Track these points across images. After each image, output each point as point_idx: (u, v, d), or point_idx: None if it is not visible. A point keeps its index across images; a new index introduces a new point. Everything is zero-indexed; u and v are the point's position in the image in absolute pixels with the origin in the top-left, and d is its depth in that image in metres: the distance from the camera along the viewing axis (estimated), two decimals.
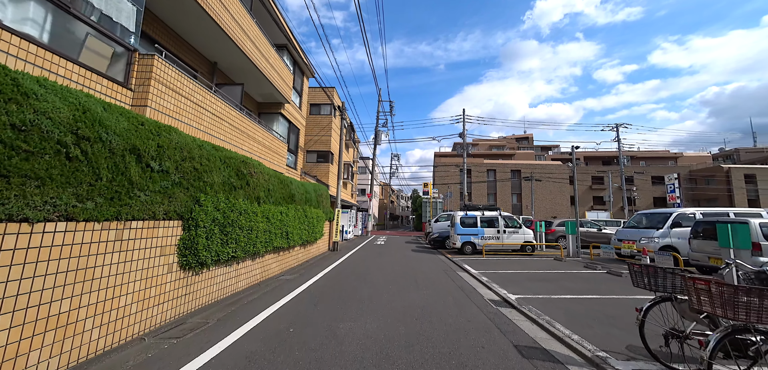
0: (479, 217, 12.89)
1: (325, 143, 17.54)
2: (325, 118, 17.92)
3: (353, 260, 10.68)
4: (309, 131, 17.16)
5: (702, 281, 2.30)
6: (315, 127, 17.59)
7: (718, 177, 38.44)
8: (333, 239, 12.97)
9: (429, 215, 27.56)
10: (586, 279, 7.56)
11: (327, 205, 12.16)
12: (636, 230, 10.64)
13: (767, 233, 7.23)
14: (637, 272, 3.23)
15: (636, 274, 3.23)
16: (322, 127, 17.60)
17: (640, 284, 3.21)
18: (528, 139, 57.66)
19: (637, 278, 3.24)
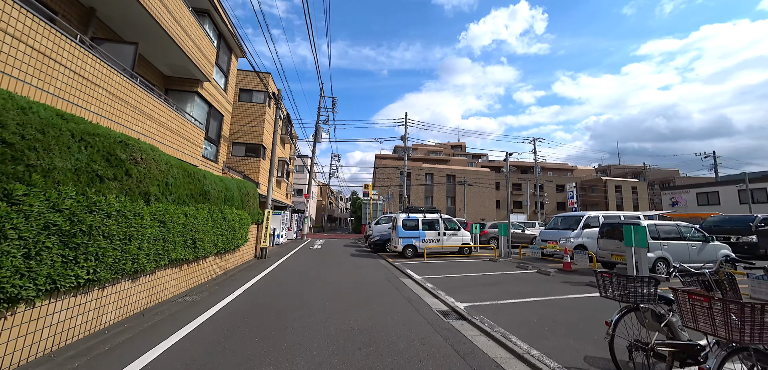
0: (421, 219, 12.76)
1: (257, 135, 15.41)
2: (258, 106, 15.74)
3: (284, 269, 9.28)
4: (237, 120, 14.83)
5: (701, 298, 2.02)
6: (245, 115, 15.29)
7: (599, 186, 47.62)
8: (261, 244, 11.24)
9: (369, 217, 27.06)
10: (523, 280, 7.78)
11: (255, 205, 10.43)
12: (556, 231, 11.79)
13: (652, 233, 8.55)
14: (606, 281, 2.98)
15: (605, 282, 2.98)
16: (254, 117, 15.42)
17: (609, 294, 2.97)
18: (461, 147, 62.47)
19: (606, 287, 2.99)
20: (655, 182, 54.15)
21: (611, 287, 2.92)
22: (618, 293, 2.88)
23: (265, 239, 11.31)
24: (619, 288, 2.87)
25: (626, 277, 2.82)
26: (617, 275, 2.87)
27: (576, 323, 4.56)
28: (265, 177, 15.45)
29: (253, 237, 10.78)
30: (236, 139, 14.93)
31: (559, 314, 4.97)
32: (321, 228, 46.68)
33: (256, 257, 11.24)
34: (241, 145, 15.14)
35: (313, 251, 14.59)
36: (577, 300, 5.94)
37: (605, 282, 2.98)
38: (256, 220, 10.76)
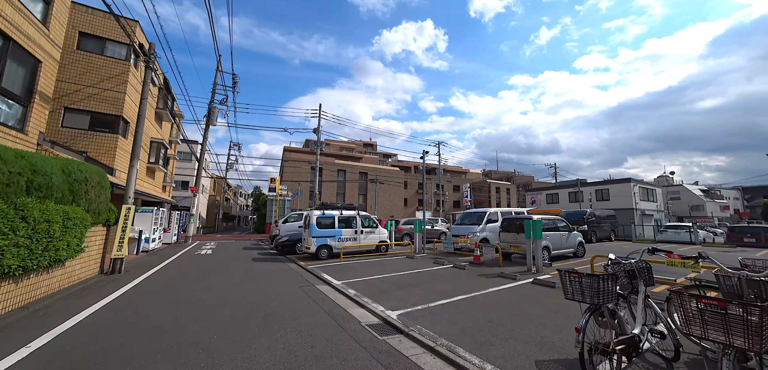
0: (337, 217, 11.68)
1: (114, 103, 11.10)
2: (116, 63, 11.34)
3: (145, 289, 6.67)
4: (77, 76, 10.28)
5: (715, 302, 1.72)
6: (90, 71, 10.74)
7: (485, 188, 56.82)
8: (112, 253, 7.96)
9: (275, 214, 24.13)
10: (444, 277, 7.71)
11: (101, 199, 7.24)
12: (464, 226, 12.69)
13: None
14: (574, 282, 2.65)
15: (573, 284, 2.65)
16: (108, 77, 11.04)
17: (576, 297, 2.65)
18: (373, 146, 64.00)
19: (573, 289, 2.66)
20: (520, 185, 68.45)
21: (580, 288, 2.61)
22: (588, 294, 2.59)
23: (121, 247, 8.07)
24: (590, 289, 2.57)
25: (599, 276, 2.54)
26: (589, 275, 2.57)
27: (510, 323, 4.42)
28: (126, 161, 11.36)
29: (96, 244, 7.49)
30: (74, 104, 10.34)
31: (491, 314, 4.79)
32: (214, 228, 39.52)
33: (102, 272, 7.89)
34: (84, 114, 10.58)
35: (199, 258, 11.53)
36: (498, 295, 6.05)
37: (573, 284, 2.66)
38: (104, 220, 7.52)
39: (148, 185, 14.67)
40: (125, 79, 11.11)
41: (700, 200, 54.14)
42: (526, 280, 7.13)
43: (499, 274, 7.79)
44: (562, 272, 2.73)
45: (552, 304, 5.29)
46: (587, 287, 2.59)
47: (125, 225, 8.22)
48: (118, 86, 10.90)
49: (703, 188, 59.25)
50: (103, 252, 7.94)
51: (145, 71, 8.63)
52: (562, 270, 2.75)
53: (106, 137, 10.73)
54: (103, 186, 7.26)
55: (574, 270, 2.73)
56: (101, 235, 7.76)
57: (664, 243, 18.53)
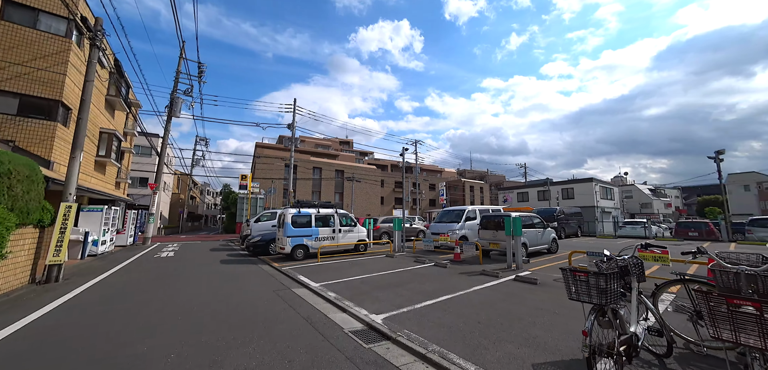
0: (314, 215, 11.11)
1: (51, 86, 9.63)
2: (53, 39, 9.82)
3: (88, 300, 5.77)
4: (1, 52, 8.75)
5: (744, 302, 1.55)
6: (19, 46, 9.21)
7: (459, 186, 58.20)
8: (48, 259, 6.84)
9: (247, 213, 22.80)
10: (426, 276, 7.49)
11: (33, 196, 6.17)
12: (443, 224, 12.64)
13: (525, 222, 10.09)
14: (579, 281, 2.45)
15: (578, 283, 2.45)
16: (43, 54, 9.55)
17: (581, 297, 2.45)
18: (349, 144, 63.09)
19: (578, 288, 2.46)
20: (492, 184, 71.03)
21: (586, 287, 2.42)
22: (594, 294, 2.40)
23: (58, 251, 6.96)
24: (596, 289, 2.39)
25: (606, 274, 2.36)
26: (596, 274, 2.38)
27: (499, 323, 4.25)
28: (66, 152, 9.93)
29: (25, 249, 6.38)
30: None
31: (479, 314, 4.60)
32: (178, 229, 36.69)
33: (34, 282, 6.75)
34: (10, 96, 9.05)
35: (158, 262, 10.41)
36: (483, 294, 5.91)
37: (578, 283, 2.46)
38: (35, 220, 6.43)
39: (97, 180, 13.07)
40: (65, 58, 9.67)
41: (648, 198, 59.53)
42: (508, 277, 7.10)
43: (481, 271, 7.72)
44: (567, 271, 2.53)
45: (536, 301, 5.22)
46: (594, 287, 2.40)
47: (64, 226, 7.11)
48: (56, 66, 9.46)
49: (651, 188, 65.24)
50: (34, 258, 6.79)
51: (91, 50, 7.49)
52: (567, 269, 2.55)
53: (41, 125, 9.28)
54: (33, 181, 6.18)
55: (578, 268, 2.55)
56: (32, 238, 6.62)
57: (624, 238, 19.91)
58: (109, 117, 13.97)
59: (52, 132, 9.24)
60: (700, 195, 71.71)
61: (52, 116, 9.32)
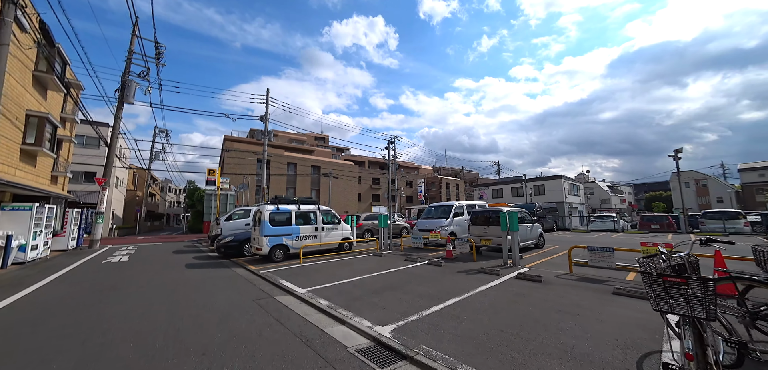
0: (295, 212, 10.14)
1: None
2: None
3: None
4: None
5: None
6: None
7: (436, 183, 58.86)
8: None
9: (215, 211, 20.94)
10: (423, 277, 6.93)
11: None
12: (431, 220, 12.21)
13: None
14: (670, 289, 1.94)
15: (669, 291, 1.94)
16: None
17: (674, 309, 1.95)
18: (324, 139, 61.32)
19: (669, 296, 1.95)
20: (467, 181, 72.77)
21: (686, 297, 1.91)
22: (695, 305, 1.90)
23: None
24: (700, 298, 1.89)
25: (712, 280, 1.86)
26: (701, 280, 1.87)
27: (524, 330, 3.78)
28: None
29: None
30: None
31: (497, 320, 4.10)
32: (134, 229, 33.19)
33: None
34: None
35: (107, 269, 8.90)
36: (490, 295, 5.46)
37: (668, 291, 1.95)
38: None
39: (24, 173, 11.00)
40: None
41: (607, 194, 64.23)
42: (509, 275, 6.74)
43: (479, 270, 7.31)
44: (650, 275, 2.03)
45: (550, 302, 4.85)
46: (694, 296, 1.90)
47: None
48: None
49: (609, 185, 70.57)
50: None
51: (4, 4, 5.95)
52: (651, 273, 2.05)
53: None
54: None
55: (669, 272, 2.06)
56: None
57: (596, 232, 20.88)
58: (40, 98, 11.80)
59: None
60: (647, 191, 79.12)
61: None
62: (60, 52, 12.18)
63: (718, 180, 48.44)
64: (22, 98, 10.53)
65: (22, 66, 10.40)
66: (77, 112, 16.61)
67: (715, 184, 48.67)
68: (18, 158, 10.48)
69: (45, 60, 10.97)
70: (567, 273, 6.76)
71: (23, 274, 7.98)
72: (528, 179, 40.59)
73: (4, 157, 9.84)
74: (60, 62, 12.37)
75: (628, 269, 6.79)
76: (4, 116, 9.58)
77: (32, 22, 7.37)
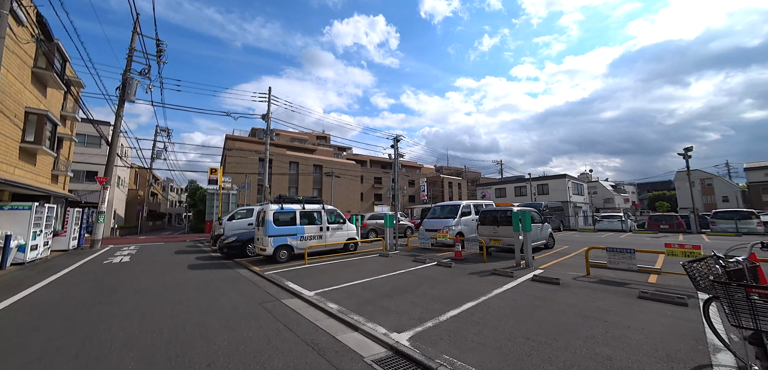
0: (299, 211, 9.90)
1: None
2: None
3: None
4: None
5: None
6: None
7: (438, 182, 58.56)
8: None
9: (217, 210, 20.75)
10: (434, 278, 6.68)
11: None
12: (438, 220, 11.94)
13: None
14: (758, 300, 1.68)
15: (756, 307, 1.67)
16: None
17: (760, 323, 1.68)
18: (326, 139, 61.06)
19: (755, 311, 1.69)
20: (469, 180, 72.43)
21: None
22: None
23: None
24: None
25: None
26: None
27: (552, 338, 3.53)
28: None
29: None
30: None
31: (521, 327, 3.84)
32: (136, 229, 33.08)
33: None
34: None
35: (107, 269, 8.68)
36: (508, 299, 5.21)
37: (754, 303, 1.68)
38: None
39: (24, 171, 10.80)
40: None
41: (610, 194, 63.76)
42: (524, 277, 6.47)
43: (492, 271, 7.05)
44: (728, 285, 1.76)
45: (573, 307, 4.58)
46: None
47: None
48: None
49: (612, 185, 70.11)
50: None
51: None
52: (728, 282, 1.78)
53: None
54: None
55: (756, 285, 1.79)
56: None
57: (603, 232, 20.56)
58: (39, 95, 11.59)
59: None
60: (649, 191, 78.66)
61: None
62: (59, 48, 11.96)
63: (724, 179, 47.94)
64: (21, 95, 10.32)
65: (20, 62, 10.19)
66: (78, 111, 16.42)
67: (720, 183, 48.16)
68: (17, 156, 10.28)
69: (44, 56, 10.74)
70: (584, 275, 6.49)
71: (22, 275, 7.77)
72: (532, 178, 40.26)
73: (3, 156, 9.64)
74: (59, 59, 12.15)
75: (648, 271, 6.52)
76: (3, 113, 9.37)
77: (29, 15, 7.15)
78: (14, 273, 8.08)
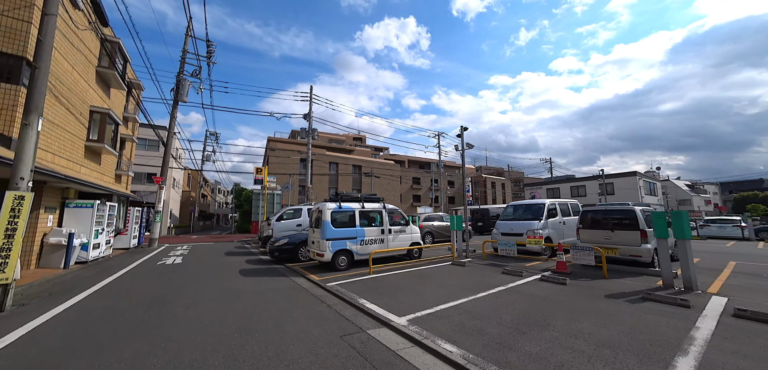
0: (358, 211, 8.54)
1: (10, 37, 7.02)
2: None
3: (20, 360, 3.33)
4: None
5: None
6: None
7: (480, 182, 55.08)
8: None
9: (263, 211, 20.48)
10: (559, 303, 4.82)
11: None
12: (517, 222, 9.91)
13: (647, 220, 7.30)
14: None
15: None
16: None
17: None
18: (362, 140, 60.60)
19: None
20: (512, 180, 67.54)
21: None
22: None
23: (2, 266, 4.57)
24: None
25: None
26: None
27: None
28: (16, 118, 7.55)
29: None
30: None
31: None
32: (189, 228, 34.85)
33: None
34: None
35: (160, 271, 8.03)
36: (715, 348, 3.22)
37: None
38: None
39: (89, 170, 10.82)
40: (30, 0, 7.22)
41: (686, 194, 55.11)
42: (710, 307, 4.36)
43: (641, 296, 5.00)
44: None
45: None
46: None
47: (13, 226, 4.71)
48: (17, 10, 7.05)
49: (688, 184, 60.69)
50: None
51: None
52: None
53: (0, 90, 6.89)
54: None
55: None
56: None
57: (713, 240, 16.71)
58: (103, 95, 11.67)
59: (13, 99, 6.86)
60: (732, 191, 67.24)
61: (15, 78, 6.94)
62: (121, 48, 12.04)
63: None
64: (87, 94, 10.30)
65: (85, 60, 10.17)
66: (138, 113, 16.92)
67: None
68: (83, 155, 10.27)
69: (107, 56, 10.73)
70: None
71: (82, 275, 7.34)
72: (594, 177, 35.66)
73: (70, 153, 9.57)
74: (121, 59, 12.25)
75: None
76: (68, 111, 9.28)
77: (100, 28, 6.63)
78: (77, 273, 7.77)
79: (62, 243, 8.48)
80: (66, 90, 8.93)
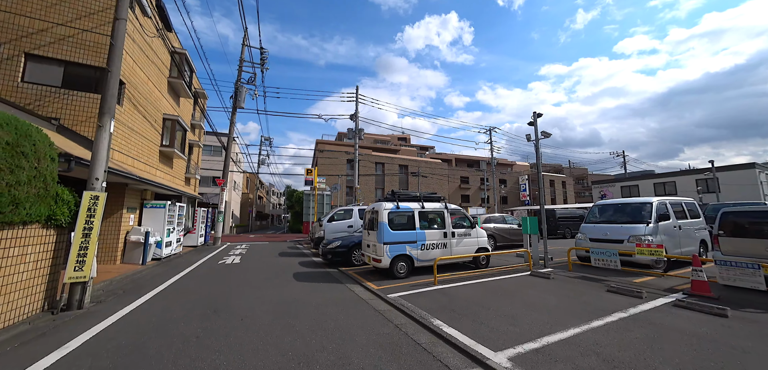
0: (418, 211, 7.64)
1: (95, 50, 7.71)
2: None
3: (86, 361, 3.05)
4: (41, 7, 7.18)
5: None
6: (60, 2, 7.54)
7: (536, 180, 50.34)
8: (67, 275, 4.55)
9: (313, 211, 20.78)
10: (746, 353, 3.32)
11: (36, 178, 3.81)
12: (612, 225, 8.04)
13: None
14: None
15: None
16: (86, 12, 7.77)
17: None
18: (406, 139, 59.72)
19: None
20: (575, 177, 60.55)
21: None
22: None
23: (80, 264, 4.64)
24: None
25: None
26: None
27: None
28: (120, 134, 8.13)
29: (26, 262, 4.08)
30: (39, 49, 7.16)
31: None
32: (247, 228, 37.64)
33: (51, 309, 4.51)
34: (54, 65, 7.42)
35: (220, 272, 8.09)
36: None
37: None
38: (43, 217, 4.11)
39: (163, 174, 11.73)
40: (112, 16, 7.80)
41: None
42: None
43: None
44: None
45: None
46: None
47: (89, 226, 4.77)
48: (103, 26, 7.65)
49: None
50: (51, 273, 4.55)
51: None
52: None
53: (87, 99, 7.53)
54: (25, 153, 3.79)
55: None
56: (41, 243, 4.36)
57: None
58: (174, 104, 12.66)
59: (92, 106, 7.43)
60: None
61: (92, 88, 7.53)
62: (187, 59, 12.98)
63: None
64: (160, 102, 11.20)
65: (158, 72, 11.03)
66: (203, 120, 18.31)
67: None
68: (157, 159, 11.16)
69: (176, 67, 11.64)
70: None
71: (156, 272, 7.71)
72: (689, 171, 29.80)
73: (146, 157, 10.37)
74: (188, 70, 13.21)
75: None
76: (145, 118, 10.05)
77: (151, 3, 6.86)
78: (152, 270, 8.29)
79: (140, 241, 9.12)
80: (143, 99, 9.67)
